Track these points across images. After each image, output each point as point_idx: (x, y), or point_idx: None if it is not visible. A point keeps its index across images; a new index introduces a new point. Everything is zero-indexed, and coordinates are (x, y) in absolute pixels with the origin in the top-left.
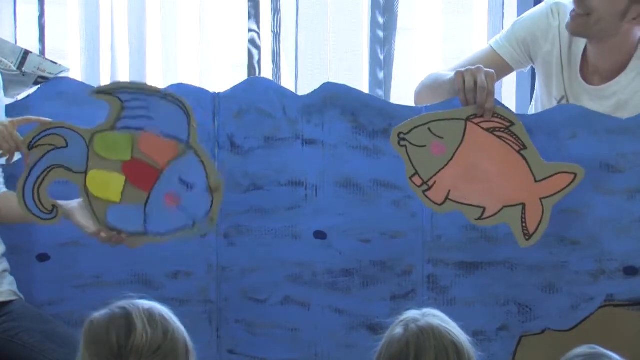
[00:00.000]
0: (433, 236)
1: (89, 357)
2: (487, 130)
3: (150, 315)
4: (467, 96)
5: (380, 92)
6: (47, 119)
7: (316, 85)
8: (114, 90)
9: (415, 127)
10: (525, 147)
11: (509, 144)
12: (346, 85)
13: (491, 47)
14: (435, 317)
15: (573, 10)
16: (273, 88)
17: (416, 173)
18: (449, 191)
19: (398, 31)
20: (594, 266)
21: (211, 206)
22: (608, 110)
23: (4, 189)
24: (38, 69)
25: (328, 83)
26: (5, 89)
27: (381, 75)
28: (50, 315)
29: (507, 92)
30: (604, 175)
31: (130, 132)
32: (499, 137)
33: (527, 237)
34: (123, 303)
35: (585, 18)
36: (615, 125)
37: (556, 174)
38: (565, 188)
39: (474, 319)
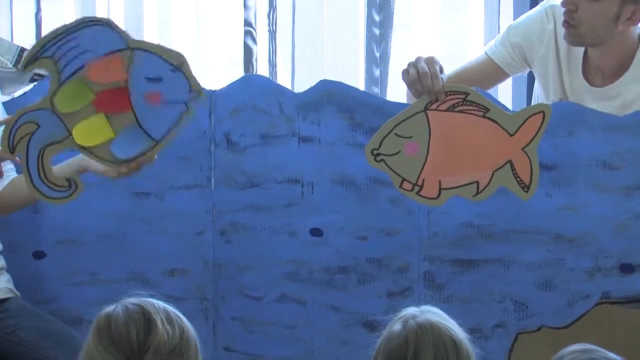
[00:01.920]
0: (429, 233)
1: (104, 352)
2: (447, 110)
3: (167, 313)
4: (416, 87)
5: (376, 90)
6: (3, 117)
7: (312, 83)
8: (38, 53)
9: (383, 139)
10: (488, 109)
11: (472, 114)
12: (342, 83)
13: (486, 53)
14: (434, 314)
15: (565, 22)
16: (269, 85)
17: (403, 180)
18: (440, 182)
19: (394, 28)
20: (591, 263)
21: (188, 80)
22: (614, 111)
23: (14, 175)
24: None
25: (324, 80)
26: (2, 86)
27: (377, 72)
28: (46, 312)
29: (504, 93)
30: (600, 172)
31: (77, 75)
32: (460, 111)
33: (526, 190)
34: (136, 300)
35: (576, 29)
36: (611, 122)
37: (525, 120)
38: (539, 130)
39: (470, 316)
